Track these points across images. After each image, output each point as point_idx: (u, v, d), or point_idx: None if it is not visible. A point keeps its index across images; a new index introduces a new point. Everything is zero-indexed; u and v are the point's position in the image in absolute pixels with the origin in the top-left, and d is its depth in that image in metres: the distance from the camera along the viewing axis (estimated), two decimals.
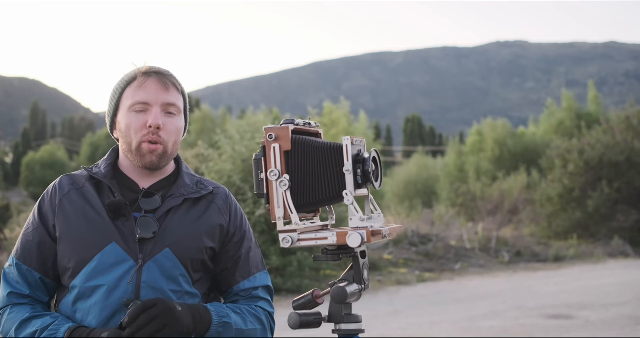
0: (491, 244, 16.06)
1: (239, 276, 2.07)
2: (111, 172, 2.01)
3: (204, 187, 2.08)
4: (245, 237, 2.11)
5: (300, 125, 1.81)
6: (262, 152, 1.75)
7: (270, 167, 1.74)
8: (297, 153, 1.76)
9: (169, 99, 1.98)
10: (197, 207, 2.03)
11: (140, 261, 1.90)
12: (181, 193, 2.01)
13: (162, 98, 1.97)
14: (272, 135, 1.74)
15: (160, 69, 2.02)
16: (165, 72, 2.02)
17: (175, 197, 2.00)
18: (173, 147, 2.00)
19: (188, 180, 2.07)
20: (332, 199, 1.77)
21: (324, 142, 1.79)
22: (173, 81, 2.01)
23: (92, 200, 1.97)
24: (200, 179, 2.11)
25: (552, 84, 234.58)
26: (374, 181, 1.75)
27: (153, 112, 1.96)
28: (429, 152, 44.29)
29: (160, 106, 1.97)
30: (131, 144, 1.97)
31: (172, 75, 2.04)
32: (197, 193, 2.03)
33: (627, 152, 19.17)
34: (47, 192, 2.03)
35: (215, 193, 2.09)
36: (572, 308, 8.84)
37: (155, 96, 1.97)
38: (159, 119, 1.95)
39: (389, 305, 9.63)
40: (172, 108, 1.99)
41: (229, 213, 2.08)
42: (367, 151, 1.76)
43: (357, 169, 1.72)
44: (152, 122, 1.94)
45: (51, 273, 1.97)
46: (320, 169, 1.75)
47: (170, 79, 2.01)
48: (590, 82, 33.89)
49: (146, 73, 1.99)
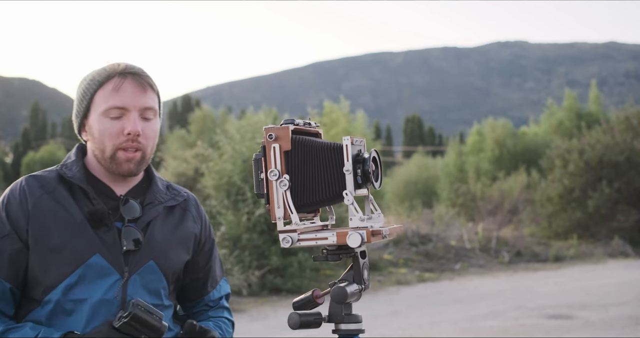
0: (491, 244, 16.06)
1: (210, 286, 2.03)
2: (86, 176, 1.87)
3: (177, 192, 2.00)
4: (213, 245, 2.06)
5: (300, 125, 1.81)
6: (262, 152, 1.75)
7: (270, 167, 1.74)
8: (297, 153, 1.76)
9: (146, 102, 1.85)
10: (173, 215, 1.95)
11: (126, 274, 1.80)
12: (158, 200, 1.92)
13: (140, 102, 1.84)
14: (272, 135, 1.74)
15: (135, 69, 1.87)
16: (141, 72, 1.88)
17: (155, 205, 1.91)
18: (150, 151, 1.90)
19: (160, 185, 1.98)
20: (332, 199, 1.77)
21: (324, 142, 1.79)
22: (149, 82, 1.88)
23: (68, 206, 1.81)
24: (169, 184, 2.03)
25: (552, 84, 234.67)
26: (374, 181, 1.75)
27: (131, 117, 1.83)
28: (429, 152, 44.29)
29: (138, 111, 1.84)
30: (104, 151, 1.84)
31: (148, 74, 1.90)
32: (173, 201, 1.96)
33: (627, 152, 19.18)
34: (12, 194, 1.83)
35: (188, 200, 2.02)
36: (572, 308, 8.84)
37: (133, 100, 1.83)
38: (137, 125, 1.82)
39: (389, 305, 9.63)
40: (150, 112, 1.87)
41: (200, 221, 2.02)
42: (367, 151, 1.76)
43: (357, 169, 1.72)
44: (132, 129, 1.82)
45: (20, 284, 1.81)
46: (320, 169, 1.75)
47: (146, 80, 1.88)
48: (592, 81, 33.87)
49: (122, 74, 1.84)
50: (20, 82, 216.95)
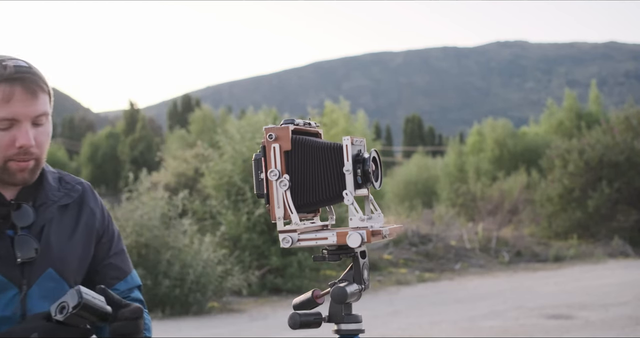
0: (491, 244, 16.07)
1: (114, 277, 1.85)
2: None
3: (71, 187, 1.81)
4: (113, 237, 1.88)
5: (300, 125, 1.81)
6: (262, 152, 1.76)
7: (270, 167, 1.74)
8: (297, 153, 1.76)
9: (38, 109, 1.67)
10: (69, 213, 1.78)
11: (25, 287, 1.65)
12: (52, 200, 1.75)
13: (31, 111, 1.66)
14: (272, 135, 1.74)
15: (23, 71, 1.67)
16: (30, 74, 1.68)
17: (48, 206, 1.74)
18: (44, 155, 1.73)
19: (52, 180, 1.79)
20: (332, 199, 1.77)
21: (324, 142, 1.79)
22: (40, 84, 1.69)
23: None
24: (60, 175, 1.84)
25: (552, 84, 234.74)
26: (374, 181, 1.75)
27: (22, 128, 1.65)
28: (429, 152, 44.30)
29: (30, 120, 1.66)
30: None
31: (38, 75, 1.70)
32: (67, 197, 1.79)
33: (627, 152, 19.18)
34: None
35: (83, 192, 1.84)
36: (572, 308, 8.84)
37: (24, 110, 1.65)
38: (30, 137, 1.65)
39: (389, 305, 9.63)
40: (42, 118, 1.69)
41: (97, 212, 1.85)
42: (367, 151, 1.76)
43: (357, 169, 1.72)
44: (24, 143, 1.64)
45: None
46: (320, 169, 1.75)
47: (37, 84, 1.68)
48: (592, 81, 33.87)
49: (9, 79, 1.64)
50: None
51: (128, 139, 51.96)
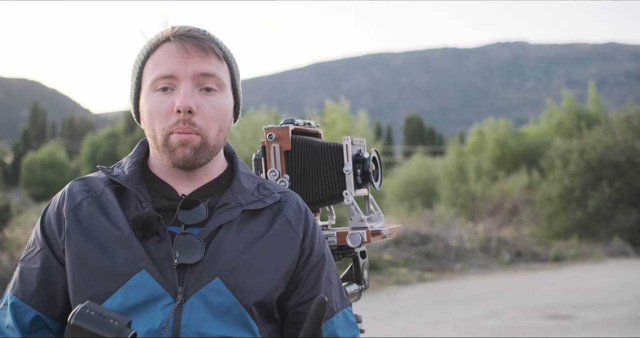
0: (491, 244, 16.05)
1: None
2: (138, 174, 1.46)
3: (269, 193, 1.48)
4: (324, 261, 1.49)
5: (300, 125, 1.81)
6: (262, 152, 1.76)
7: (270, 167, 1.74)
8: (297, 153, 1.76)
9: (203, 68, 1.40)
10: (257, 221, 1.44)
11: (180, 296, 1.34)
12: (238, 202, 1.43)
13: (193, 68, 1.39)
14: (272, 135, 1.74)
15: (191, 30, 1.43)
16: (200, 34, 1.44)
17: (231, 208, 1.42)
18: (217, 136, 1.44)
19: (247, 184, 1.49)
20: (332, 199, 1.77)
21: (324, 142, 1.79)
22: (211, 44, 1.43)
23: (112, 212, 1.41)
24: (263, 182, 1.53)
25: (552, 84, 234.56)
26: (374, 181, 1.75)
27: (181, 89, 1.39)
28: (429, 152, 44.29)
29: (191, 80, 1.39)
30: (156, 138, 1.42)
31: (210, 36, 1.45)
32: (259, 203, 1.45)
33: (627, 152, 19.18)
34: (53, 201, 1.48)
35: (284, 201, 1.49)
36: (572, 308, 8.84)
37: (184, 66, 1.39)
38: (188, 98, 1.38)
39: (389, 305, 9.62)
40: (210, 80, 1.41)
41: (301, 228, 1.47)
42: (367, 151, 1.77)
43: (357, 169, 1.72)
44: (180, 103, 1.37)
45: (58, 312, 1.42)
46: (320, 169, 1.75)
47: (206, 42, 1.42)
48: (590, 82, 33.87)
49: (175, 37, 1.42)
50: (20, 82, 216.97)
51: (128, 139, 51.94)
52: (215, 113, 1.42)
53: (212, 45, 1.42)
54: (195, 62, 1.40)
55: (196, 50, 1.40)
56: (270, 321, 1.42)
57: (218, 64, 1.43)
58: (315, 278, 1.45)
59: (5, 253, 10.27)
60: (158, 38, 1.43)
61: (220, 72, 1.43)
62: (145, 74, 1.44)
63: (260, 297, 1.38)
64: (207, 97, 1.41)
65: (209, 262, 1.36)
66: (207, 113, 1.40)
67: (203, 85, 1.40)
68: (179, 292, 1.34)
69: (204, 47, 1.41)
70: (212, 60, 1.42)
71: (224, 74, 1.44)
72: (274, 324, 1.44)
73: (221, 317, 1.35)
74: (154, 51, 1.43)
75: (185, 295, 1.34)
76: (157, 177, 1.47)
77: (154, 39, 1.44)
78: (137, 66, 1.46)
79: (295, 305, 1.44)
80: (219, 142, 1.45)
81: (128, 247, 1.36)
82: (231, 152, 1.57)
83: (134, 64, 1.47)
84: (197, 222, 1.40)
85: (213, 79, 1.41)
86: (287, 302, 1.44)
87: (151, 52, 1.43)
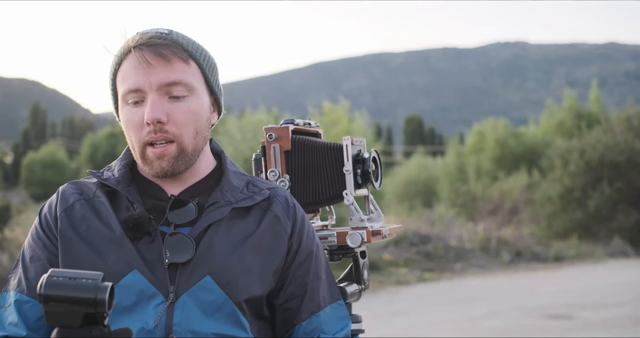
0: (491, 244, 16.06)
1: (302, 312, 1.47)
2: (128, 176, 1.47)
3: (258, 190, 1.49)
4: (311, 257, 1.50)
5: (300, 125, 1.81)
6: (262, 152, 1.76)
7: (270, 167, 1.74)
8: (297, 153, 1.76)
9: (167, 77, 1.40)
10: (246, 218, 1.46)
11: (172, 295, 1.36)
12: (227, 200, 1.45)
13: (157, 78, 1.39)
14: (272, 135, 1.74)
15: (152, 37, 1.42)
16: (160, 38, 1.42)
17: (220, 206, 1.43)
18: (195, 140, 1.44)
19: (235, 182, 1.50)
20: (332, 199, 1.77)
21: (324, 142, 1.79)
22: (172, 49, 1.41)
23: (104, 213, 1.43)
24: (252, 179, 1.54)
25: (552, 84, 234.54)
26: (374, 181, 1.75)
27: (149, 101, 1.39)
28: (429, 152, 44.30)
29: (157, 91, 1.40)
30: (135, 149, 1.45)
31: (174, 40, 1.43)
32: (248, 200, 1.46)
33: (627, 152, 19.18)
34: (48, 203, 1.50)
35: (273, 197, 1.50)
36: (572, 308, 8.84)
37: (147, 78, 1.39)
38: (156, 110, 1.38)
39: (389, 305, 9.62)
40: (176, 88, 1.40)
41: (290, 224, 1.49)
42: (367, 151, 1.77)
43: (357, 169, 1.72)
44: (148, 117, 1.38)
45: None
46: (320, 169, 1.75)
47: (167, 48, 1.41)
48: (593, 82, 33.85)
49: (137, 47, 1.41)
50: (20, 82, 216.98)
51: None
52: (189, 117, 1.42)
53: (174, 50, 1.41)
54: (158, 72, 1.40)
55: (157, 59, 1.40)
56: (260, 318, 1.44)
57: (183, 68, 1.42)
58: (304, 274, 1.47)
59: (5, 253, 10.27)
60: (123, 49, 1.44)
61: (187, 76, 1.42)
62: (117, 87, 1.45)
63: (250, 294, 1.40)
64: (177, 104, 1.41)
65: (199, 261, 1.38)
66: (179, 119, 1.41)
67: (170, 93, 1.41)
68: (171, 291, 1.36)
69: (165, 54, 1.40)
70: (176, 66, 1.41)
71: (192, 75, 1.44)
72: (264, 321, 1.46)
73: (213, 315, 1.37)
74: (121, 63, 1.44)
75: (176, 293, 1.36)
76: (146, 179, 1.49)
77: (120, 50, 1.45)
78: (110, 79, 1.47)
79: (284, 301, 1.46)
80: (198, 145, 1.45)
81: (120, 248, 1.39)
82: (219, 150, 1.57)
83: (109, 76, 1.48)
84: (187, 221, 1.42)
85: (179, 86, 1.41)
86: (276, 299, 1.46)
87: (120, 64, 1.44)
